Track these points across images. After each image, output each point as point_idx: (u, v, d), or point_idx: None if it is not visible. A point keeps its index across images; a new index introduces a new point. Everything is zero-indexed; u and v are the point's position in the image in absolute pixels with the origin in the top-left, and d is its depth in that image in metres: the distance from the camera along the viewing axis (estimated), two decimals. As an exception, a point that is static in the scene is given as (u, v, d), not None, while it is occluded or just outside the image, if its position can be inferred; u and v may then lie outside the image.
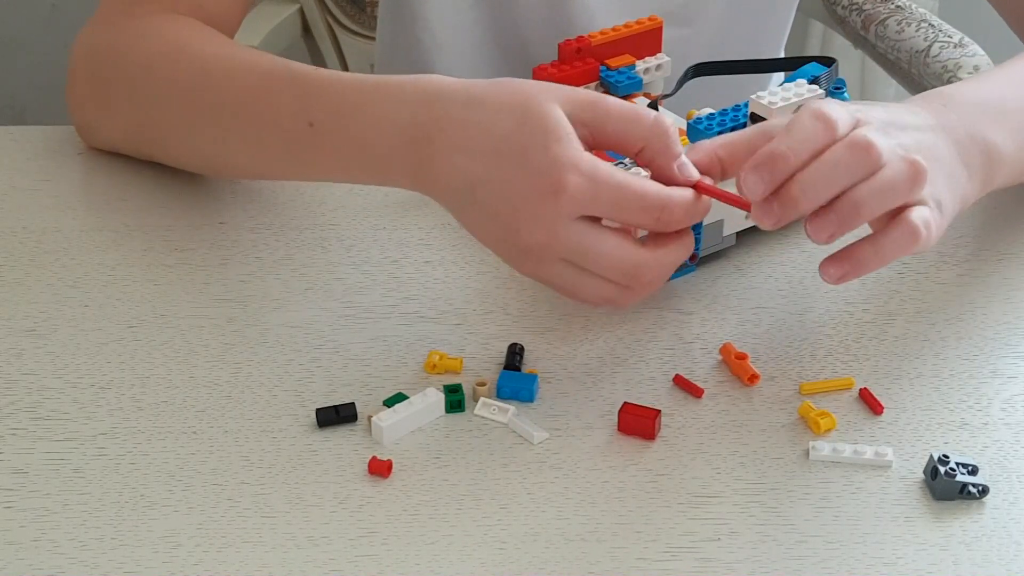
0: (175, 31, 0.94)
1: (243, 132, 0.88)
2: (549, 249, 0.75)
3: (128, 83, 0.95)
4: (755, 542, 0.71)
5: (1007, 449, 0.76)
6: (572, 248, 0.75)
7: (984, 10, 1.11)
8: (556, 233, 0.75)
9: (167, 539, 0.71)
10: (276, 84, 0.86)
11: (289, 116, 0.84)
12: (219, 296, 0.87)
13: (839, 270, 0.76)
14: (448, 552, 0.70)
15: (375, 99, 0.81)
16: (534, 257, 0.76)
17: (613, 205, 0.75)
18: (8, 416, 0.78)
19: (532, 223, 0.75)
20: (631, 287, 0.77)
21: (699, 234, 0.86)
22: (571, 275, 0.77)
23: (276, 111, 0.86)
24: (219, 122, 0.89)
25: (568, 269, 0.76)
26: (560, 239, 0.75)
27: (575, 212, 0.74)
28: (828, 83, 0.91)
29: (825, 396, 0.80)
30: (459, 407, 0.79)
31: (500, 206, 0.76)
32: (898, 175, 0.74)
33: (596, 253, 0.75)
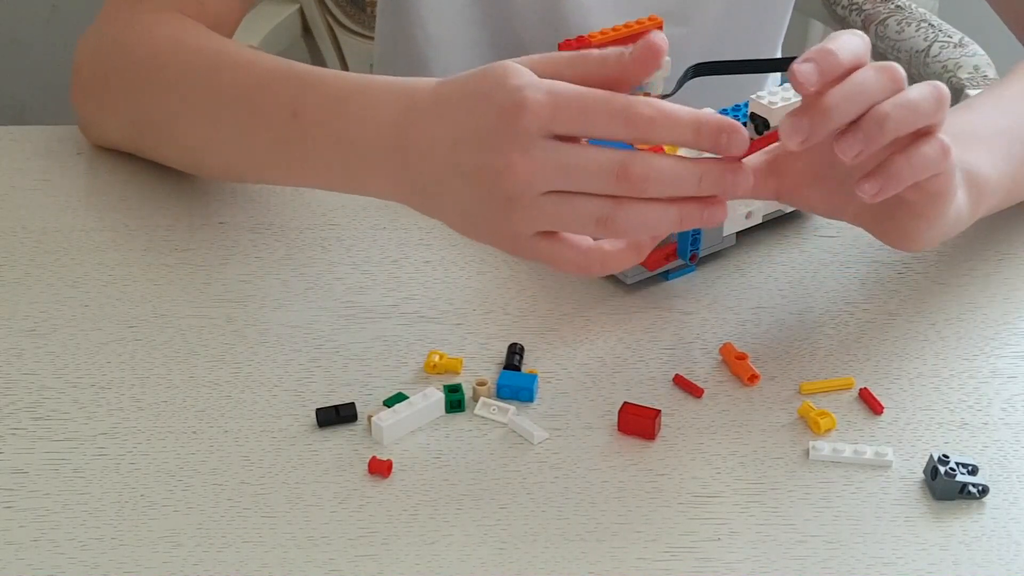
0: (173, 29, 0.95)
1: (230, 126, 0.88)
2: (530, 176, 0.72)
3: (125, 79, 0.96)
4: (755, 542, 0.71)
5: (1007, 449, 0.76)
6: (552, 165, 0.72)
7: (984, 10, 1.11)
8: (532, 154, 0.72)
9: (167, 539, 0.71)
10: (267, 79, 0.86)
11: (276, 109, 0.84)
12: (219, 296, 0.87)
13: (874, 185, 0.74)
14: (448, 552, 0.70)
15: (363, 92, 0.81)
16: (519, 203, 0.73)
17: (579, 112, 0.72)
18: (8, 416, 0.78)
19: (507, 153, 0.72)
20: (624, 196, 0.72)
21: (699, 234, 0.86)
22: (560, 206, 0.73)
23: (264, 105, 0.86)
24: (208, 116, 0.90)
25: (555, 201, 0.73)
26: (538, 160, 0.72)
27: (542, 128, 0.72)
28: (828, 83, 0.90)
29: (825, 396, 0.80)
30: (459, 407, 0.79)
31: (477, 157, 0.74)
32: (922, 95, 0.74)
33: (577, 160, 0.72)
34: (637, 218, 0.73)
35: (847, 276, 0.89)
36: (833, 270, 0.90)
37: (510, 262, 0.90)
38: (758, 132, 0.89)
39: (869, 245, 0.92)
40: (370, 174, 0.81)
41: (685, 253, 0.86)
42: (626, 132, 0.72)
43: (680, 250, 0.86)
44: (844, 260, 0.91)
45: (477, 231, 0.77)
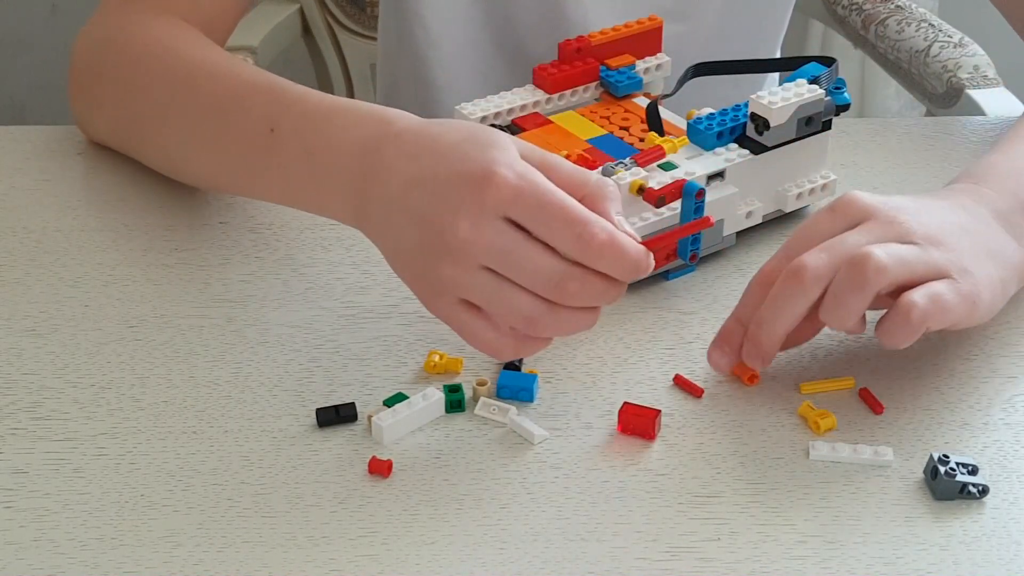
0: (164, 32, 0.95)
1: (206, 136, 0.89)
2: (471, 246, 0.72)
3: (114, 79, 0.96)
4: (755, 542, 0.71)
5: (1007, 449, 0.76)
6: (496, 247, 0.72)
7: (984, 10, 1.11)
8: (481, 227, 0.72)
9: (167, 539, 0.71)
10: (247, 91, 0.87)
11: (254, 121, 0.85)
12: (219, 296, 0.87)
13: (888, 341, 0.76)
14: (448, 552, 0.70)
15: (343, 114, 0.81)
16: (455, 260, 0.73)
17: (537, 208, 0.72)
18: (8, 416, 0.78)
19: (458, 215, 0.72)
20: (553, 305, 0.73)
21: (699, 234, 0.86)
22: (491, 286, 0.73)
23: (241, 117, 0.86)
24: (185, 124, 0.90)
25: (487, 278, 0.73)
26: (484, 234, 0.72)
27: (500, 208, 0.72)
28: (828, 83, 0.91)
29: (825, 396, 0.80)
30: (459, 407, 0.79)
31: (429, 205, 0.74)
32: (841, 284, 0.75)
33: (519, 255, 0.72)
34: (562, 324, 0.74)
35: (847, 276, 0.89)
36: (833, 270, 0.90)
37: (510, 262, 0.90)
38: (758, 132, 0.89)
39: (869, 245, 0.92)
40: (330, 193, 0.81)
41: (685, 253, 0.86)
42: (573, 247, 0.72)
43: (680, 250, 0.86)
44: (844, 260, 0.91)
45: (406, 273, 0.77)
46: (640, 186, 0.84)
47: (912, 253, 0.76)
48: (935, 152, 1.02)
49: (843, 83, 0.92)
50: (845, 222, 0.78)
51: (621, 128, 0.96)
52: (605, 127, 0.96)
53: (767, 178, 0.91)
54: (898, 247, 0.76)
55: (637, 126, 0.97)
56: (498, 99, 0.98)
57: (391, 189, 0.76)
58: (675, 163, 0.88)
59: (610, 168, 0.86)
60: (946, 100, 1.20)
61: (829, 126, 0.91)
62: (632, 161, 0.87)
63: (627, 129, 0.96)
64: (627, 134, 0.96)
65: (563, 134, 0.95)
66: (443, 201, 0.73)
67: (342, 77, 1.57)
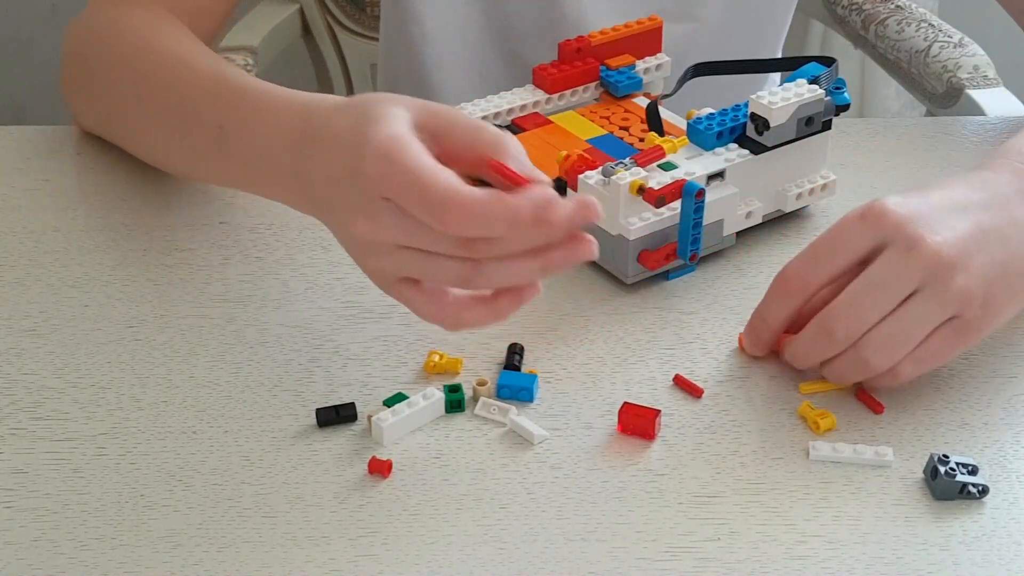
0: (143, 24, 0.96)
1: (171, 130, 0.90)
2: (376, 238, 0.72)
3: (98, 71, 0.98)
4: (755, 542, 0.71)
5: (1007, 449, 0.76)
6: (398, 230, 0.71)
7: (984, 10, 1.11)
8: (377, 220, 0.71)
9: (167, 539, 0.71)
10: (201, 88, 0.87)
11: (205, 120, 0.86)
12: (219, 296, 0.87)
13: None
14: (448, 552, 0.70)
15: (273, 112, 0.81)
16: (371, 252, 0.73)
17: (401, 191, 0.70)
18: (8, 416, 0.78)
19: (353, 213, 0.72)
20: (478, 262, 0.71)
21: (699, 234, 0.86)
22: (416, 261, 0.72)
23: (196, 115, 0.87)
24: (154, 117, 0.92)
25: (409, 255, 0.72)
26: (382, 224, 0.71)
27: (379, 194, 0.71)
28: (828, 83, 0.91)
29: (825, 396, 0.80)
30: (459, 407, 0.79)
31: (338, 200, 0.74)
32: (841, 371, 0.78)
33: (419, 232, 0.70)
34: (499, 275, 0.71)
35: (847, 276, 0.89)
36: (833, 270, 0.90)
37: (510, 262, 0.90)
38: (758, 132, 0.89)
39: (869, 245, 0.92)
40: (278, 190, 0.81)
41: (685, 253, 0.86)
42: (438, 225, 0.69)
43: (680, 250, 0.86)
44: (844, 260, 0.91)
45: (356, 262, 0.76)
46: (640, 186, 0.84)
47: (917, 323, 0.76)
48: (935, 152, 1.02)
49: (843, 83, 0.92)
50: (872, 236, 0.77)
51: (621, 128, 0.96)
52: (605, 127, 0.96)
53: (767, 178, 0.91)
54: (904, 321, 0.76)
55: (637, 126, 0.97)
56: (498, 99, 0.98)
57: (316, 190, 0.76)
58: (675, 163, 0.88)
59: (610, 168, 0.86)
60: (946, 100, 1.20)
61: (829, 126, 0.91)
62: (632, 161, 0.87)
63: (627, 129, 0.96)
64: (627, 134, 0.96)
65: (563, 134, 0.95)
66: (342, 198, 0.73)
67: (342, 77, 1.57)
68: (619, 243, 0.86)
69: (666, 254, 0.86)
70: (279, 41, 1.49)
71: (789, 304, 0.79)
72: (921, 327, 0.76)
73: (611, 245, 0.86)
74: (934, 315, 0.76)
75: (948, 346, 0.77)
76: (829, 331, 0.76)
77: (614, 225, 0.86)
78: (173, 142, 0.91)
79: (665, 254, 0.86)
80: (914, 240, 0.76)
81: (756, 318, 0.81)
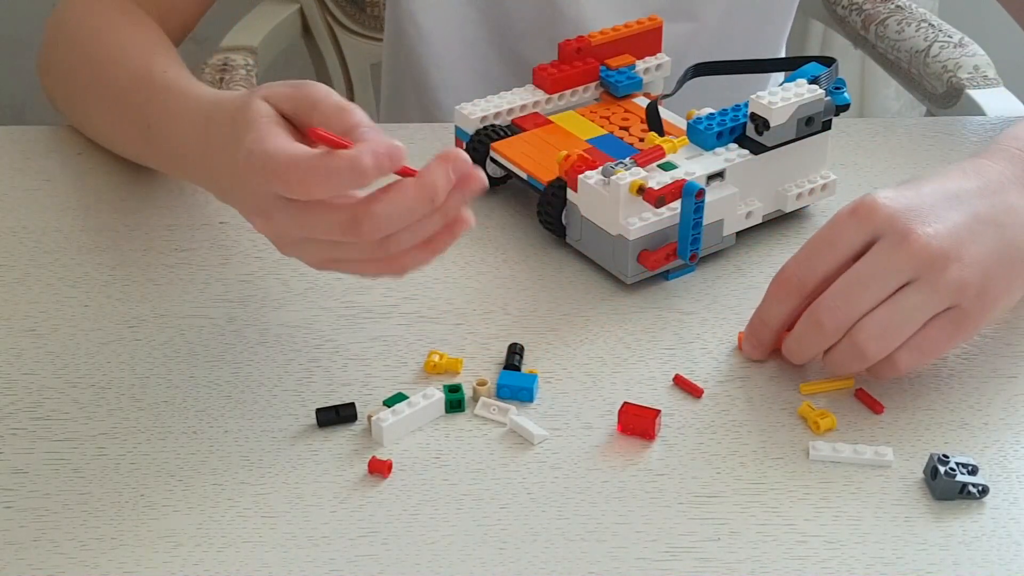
0: (106, 16, 0.99)
1: (116, 119, 0.94)
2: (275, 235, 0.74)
3: (60, 59, 1.01)
4: (755, 542, 0.71)
5: (1007, 449, 0.76)
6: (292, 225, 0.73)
7: (984, 10, 1.11)
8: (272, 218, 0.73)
9: (167, 539, 0.71)
10: (135, 86, 0.91)
11: (135, 116, 0.90)
12: (219, 296, 0.87)
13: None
14: (448, 552, 0.70)
15: (183, 116, 0.84)
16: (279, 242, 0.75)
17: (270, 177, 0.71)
18: (8, 416, 0.78)
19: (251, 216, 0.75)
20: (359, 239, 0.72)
21: (699, 234, 0.86)
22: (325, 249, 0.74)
23: (128, 110, 0.91)
24: (103, 105, 0.96)
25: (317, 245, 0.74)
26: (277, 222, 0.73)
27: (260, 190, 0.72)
28: (828, 83, 0.91)
29: (825, 396, 0.80)
30: (459, 407, 0.79)
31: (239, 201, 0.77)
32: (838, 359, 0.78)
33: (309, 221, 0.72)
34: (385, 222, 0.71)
35: (847, 276, 0.89)
36: (833, 270, 0.90)
37: (510, 262, 0.90)
38: (758, 132, 0.89)
39: (869, 245, 0.92)
40: (198, 182, 0.86)
41: (685, 253, 0.86)
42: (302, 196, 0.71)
43: (680, 250, 0.86)
44: (844, 260, 0.91)
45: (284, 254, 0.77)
46: (640, 186, 0.84)
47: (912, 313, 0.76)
48: (935, 152, 1.02)
49: (843, 83, 0.92)
50: (864, 231, 0.77)
51: (621, 128, 0.96)
52: (605, 127, 0.96)
53: (767, 178, 0.91)
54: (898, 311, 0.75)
55: (637, 126, 0.97)
56: (498, 99, 0.98)
57: (223, 188, 0.79)
58: (675, 163, 0.88)
59: (610, 168, 0.86)
60: (946, 100, 1.20)
61: (829, 126, 0.91)
62: (632, 161, 0.87)
63: (627, 129, 0.96)
64: (627, 134, 0.96)
65: (563, 134, 0.95)
66: (240, 201, 0.77)
67: (342, 77, 1.57)
68: (619, 243, 0.86)
69: (666, 254, 0.86)
70: (279, 41, 1.49)
71: (787, 304, 0.79)
72: (915, 315, 0.76)
73: (611, 245, 0.86)
74: (928, 305, 0.75)
75: (946, 336, 0.77)
76: (819, 322, 0.76)
77: (614, 225, 0.86)
78: (117, 130, 0.95)
79: (665, 254, 0.86)
80: (905, 233, 0.76)
81: (756, 320, 0.81)
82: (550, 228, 0.90)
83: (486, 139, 0.94)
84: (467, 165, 0.71)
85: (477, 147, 0.95)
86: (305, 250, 0.75)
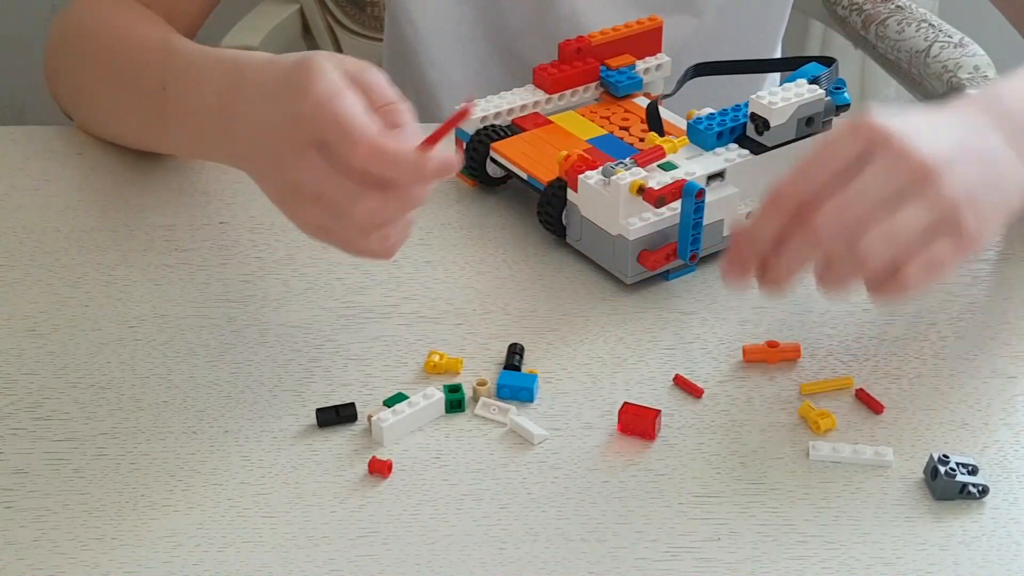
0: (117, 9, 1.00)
1: (122, 100, 0.95)
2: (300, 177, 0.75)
3: (67, 53, 1.01)
4: (755, 542, 0.71)
5: (1007, 449, 0.76)
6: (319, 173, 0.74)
7: (984, 10, 1.11)
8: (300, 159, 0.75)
9: (167, 539, 0.71)
10: (149, 55, 0.92)
11: (150, 83, 0.90)
12: (219, 296, 0.87)
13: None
14: (448, 552, 0.70)
15: (200, 67, 0.86)
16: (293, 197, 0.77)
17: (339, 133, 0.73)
18: (8, 416, 0.78)
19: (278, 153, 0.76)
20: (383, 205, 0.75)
21: (699, 234, 0.86)
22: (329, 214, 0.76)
23: (142, 79, 0.91)
24: (109, 90, 0.96)
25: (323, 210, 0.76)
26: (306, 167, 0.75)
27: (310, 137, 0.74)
28: (828, 83, 0.91)
29: (825, 396, 0.80)
30: (459, 407, 0.79)
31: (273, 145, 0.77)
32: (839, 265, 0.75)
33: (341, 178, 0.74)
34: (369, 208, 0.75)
35: (847, 276, 0.89)
36: (833, 270, 0.90)
37: (510, 262, 0.90)
38: (758, 132, 0.89)
39: (869, 245, 0.92)
40: (208, 141, 0.85)
41: (685, 253, 0.87)
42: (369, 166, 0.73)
43: (680, 250, 0.86)
44: (844, 260, 0.91)
45: (287, 214, 0.79)
46: (640, 186, 0.85)
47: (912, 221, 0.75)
48: (935, 152, 1.02)
49: (843, 83, 0.92)
50: (859, 145, 0.76)
51: (621, 128, 0.96)
52: (605, 127, 0.96)
53: (767, 178, 0.90)
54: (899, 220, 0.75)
55: (637, 126, 0.97)
56: (498, 99, 0.98)
57: (248, 133, 0.79)
58: (675, 163, 0.88)
59: (610, 168, 0.86)
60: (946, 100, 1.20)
61: (829, 126, 0.91)
62: (632, 161, 0.87)
63: (627, 129, 0.96)
64: (627, 134, 0.96)
65: (563, 134, 0.96)
66: (269, 146, 0.77)
67: (342, 77, 1.56)
68: (619, 243, 0.86)
69: (666, 254, 0.86)
70: (279, 41, 1.49)
71: (779, 219, 0.77)
72: (912, 224, 0.74)
73: (611, 245, 0.86)
74: (925, 215, 0.74)
75: (949, 252, 0.75)
76: (816, 236, 0.75)
77: (614, 225, 0.86)
78: (128, 111, 0.95)
79: (665, 254, 0.86)
80: (901, 148, 0.76)
81: (741, 237, 0.78)
82: (550, 228, 0.90)
83: (486, 139, 0.94)
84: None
85: (477, 147, 0.95)
86: (309, 211, 0.76)
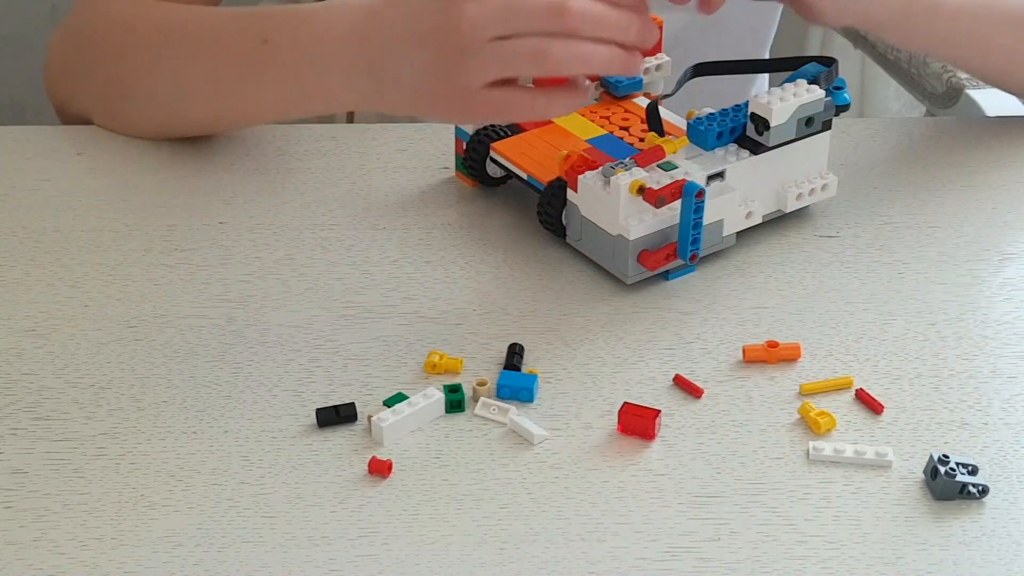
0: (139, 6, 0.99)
1: (201, 66, 0.94)
2: (479, 22, 0.78)
3: (98, 50, 1.00)
4: (755, 542, 0.71)
5: (1007, 449, 0.76)
6: (499, 8, 0.78)
7: (984, 10, 1.10)
8: (481, 3, 0.78)
9: (167, 539, 0.71)
10: (238, 15, 0.92)
11: (247, 39, 0.90)
12: (219, 296, 0.87)
13: None
14: (448, 552, 0.70)
15: (325, 8, 0.86)
16: (469, 52, 0.79)
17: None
18: (8, 416, 0.78)
19: (460, 6, 0.78)
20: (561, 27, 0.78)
21: (699, 234, 0.86)
22: (503, 47, 0.78)
23: (235, 37, 0.91)
24: (180, 62, 0.95)
25: (499, 45, 0.78)
26: (485, 5, 0.78)
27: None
28: (828, 83, 0.91)
29: (825, 396, 0.80)
30: (459, 407, 0.79)
31: (433, 17, 0.79)
32: None
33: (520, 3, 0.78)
34: (571, 51, 0.78)
35: (847, 276, 0.89)
36: (833, 270, 0.90)
37: (510, 262, 0.90)
38: (758, 132, 0.89)
39: (868, 245, 0.92)
40: (335, 78, 0.86)
41: (685, 253, 0.86)
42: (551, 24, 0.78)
43: (680, 250, 0.86)
44: (844, 260, 0.91)
45: (433, 98, 0.81)
46: (640, 186, 0.84)
47: None
48: (935, 152, 1.02)
49: (843, 83, 0.92)
50: None
51: (621, 128, 0.96)
52: (605, 127, 0.96)
53: (767, 178, 0.91)
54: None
55: (637, 126, 0.97)
56: (498, 99, 0.98)
57: (396, 29, 0.81)
58: (675, 163, 0.88)
59: (610, 168, 0.86)
60: (946, 100, 1.20)
61: (829, 126, 0.91)
62: (632, 161, 0.87)
63: (627, 129, 0.96)
64: (627, 134, 0.96)
65: (563, 134, 0.95)
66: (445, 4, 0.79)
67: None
68: (619, 243, 0.86)
69: (666, 254, 0.86)
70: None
71: None
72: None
73: (611, 245, 0.86)
74: None
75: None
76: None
77: (614, 225, 0.86)
78: (202, 81, 0.94)
79: (665, 254, 0.86)
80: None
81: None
82: (550, 228, 0.90)
83: (486, 139, 0.94)
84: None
85: (477, 147, 0.95)
86: (489, 55, 0.78)
